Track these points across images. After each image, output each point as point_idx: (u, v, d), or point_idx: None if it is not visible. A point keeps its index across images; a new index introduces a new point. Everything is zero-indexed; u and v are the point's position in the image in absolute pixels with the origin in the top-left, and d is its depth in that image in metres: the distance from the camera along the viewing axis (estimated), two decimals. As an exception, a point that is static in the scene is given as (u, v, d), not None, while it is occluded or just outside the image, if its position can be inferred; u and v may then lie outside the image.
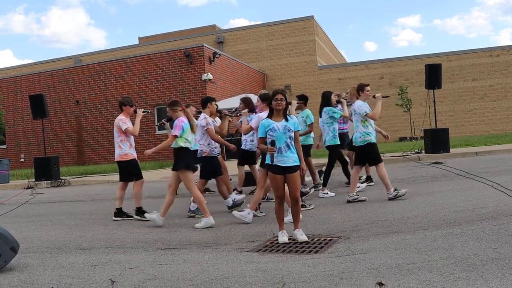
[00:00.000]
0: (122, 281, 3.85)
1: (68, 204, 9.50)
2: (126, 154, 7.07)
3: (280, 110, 4.98)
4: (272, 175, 4.94)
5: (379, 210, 6.38)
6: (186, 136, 6.31)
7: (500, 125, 24.75)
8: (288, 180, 4.94)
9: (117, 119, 7.07)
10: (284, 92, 5.10)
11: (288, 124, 4.96)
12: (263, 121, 5.05)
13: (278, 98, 4.96)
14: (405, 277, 3.42)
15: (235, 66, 24.20)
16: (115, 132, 7.19)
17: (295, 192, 4.95)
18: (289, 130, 4.94)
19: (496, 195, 6.61)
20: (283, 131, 4.91)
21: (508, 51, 25.01)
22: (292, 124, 4.99)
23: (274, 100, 4.98)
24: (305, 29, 27.59)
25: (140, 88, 21.41)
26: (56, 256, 4.93)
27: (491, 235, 4.43)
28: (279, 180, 4.93)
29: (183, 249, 4.94)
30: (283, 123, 4.94)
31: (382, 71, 26.48)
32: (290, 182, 4.93)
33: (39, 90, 22.02)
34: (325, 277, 3.60)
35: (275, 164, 4.89)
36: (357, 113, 7.35)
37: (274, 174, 4.92)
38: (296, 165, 4.93)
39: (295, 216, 5.03)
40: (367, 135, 7.25)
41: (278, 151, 4.89)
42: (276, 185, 4.95)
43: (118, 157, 7.13)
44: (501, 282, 3.14)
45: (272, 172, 4.94)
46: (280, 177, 4.92)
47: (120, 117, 7.07)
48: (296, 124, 5.06)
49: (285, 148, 4.91)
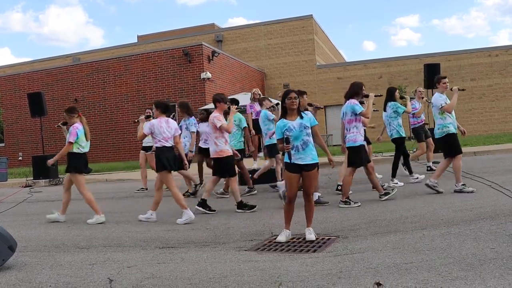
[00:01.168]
0: (120, 280, 3.84)
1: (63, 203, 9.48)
2: (222, 151, 7.12)
3: (294, 109, 4.95)
4: (288, 174, 4.92)
5: (377, 209, 6.38)
6: (80, 142, 6.95)
7: (498, 125, 24.78)
8: (304, 177, 4.92)
9: (211, 116, 7.16)
10: (296, 91, 5.09)
11: (304, 121, 4.94)
12: (278, 122, 5.02)
13: (292, 96, 4.94)
14: (403, 276, 3.43)
15: (234, 65, 24.18)
16: (210, 129, 7.40)
17: (309, 189, 4.94)
18: (306, 127, 4.92)
19: (494, 195, 6.62)
20: (299, 129, 4.89)
21: (506, 51, 25.03)
22: (307, 120, 4.97)
23: (287, 99, 4.95)
24: (304, 28, 27.58)
25: (138, 86, 21.39)
26: (54, 254, 4.93)
27: (489, 234, 4.43)
28: (293, 179, 4.90)
29: (181, 248, 4.93)
30: (298, 121, 4.93)
31: (381, 71, 26.48)
32: (306, 179, 4.91)
33: (37, 88, 21.98)
34: (323, 276, 3.60)
35: (293, 163, 4.87)
36: (434, 106, 7.47)
37: (291, 173, 4.90)
38: (314, 163, 4.92)
39: (308, 214, 5.01)
40: (445, 126, 7.34)
41: (295, 149, 4.87)
42: (290, 184, 4.92)
43: (214, 153, 7.26)
44: (499, 281, 3.14)
45: (288, 171, 4.92)
46: (295, 177, 4.90)
47: (214, 114, 7.13)
48: (312, 119, 5.05)
49: (303, 145, 4.88)
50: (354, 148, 6.95)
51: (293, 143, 4.89)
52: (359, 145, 6.95)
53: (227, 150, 7.09)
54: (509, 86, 24.84)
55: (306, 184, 4.94)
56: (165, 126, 6.67)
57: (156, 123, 6.65)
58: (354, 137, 6.96)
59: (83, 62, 24.52)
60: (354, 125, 6.99)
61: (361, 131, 7.06)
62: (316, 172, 4.99)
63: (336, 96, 25.65)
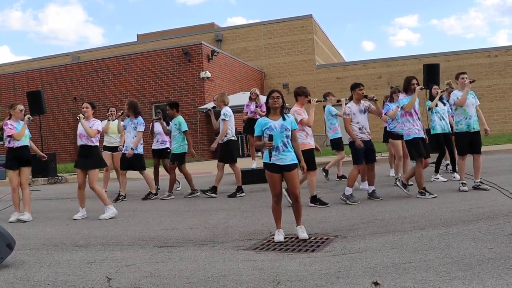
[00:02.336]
0: (119, 279, 3.84)
1: (65, 201, 9.48)
2: (303, 144, 7.04)
3: (277, 108, 4.98)
4: (269, 174, 4.94)
5: (376, 209, 6.39)
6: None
7: (497, 125, 24.79)
8: (286, 179, 4.95)
9: (292, 110, 7.18)
10: (280, 91, 5.10)
11: (285, 123, 4.96)
12: (260, 119, 5.05)
13: (274, 96, 4.97)
14: (401, 276, 3.43)
15: (234, 64, 24.17)
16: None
17: (294, 189, 4.95)
18: (286, 129, 4.94)
19: (492, 195, 6.63)
20: (280, 130, 4.90)
21: (506, 52, 25.05)
22: (289, 123, 4.98)
23: (270, 98, 4.99)
24: (303, 28, 27.56)
25: (138, 85, 21.37)
26: (53, 253, 4.92)
27: (487, 235, 4.44)
28: (276, 178, 4.92)
29: (180, 247, 4.93)
30: (280, 122, 4.94)
31: (380, 71, 26.48)
32: (289, 180, 4.94)
33: (36, 86, 21.95)
34: (322, 276, 3.60)
35: (273, 163, 4.89)
36: (451, 103, 7.66)
37: (271, 172, 4.92)
38: (294, 164, 4.94)
39: (297, 213, 5.03)
40: (455, 124, 7.53)
41: (275, 150, 4.89)
42: (273, 184, 4.94)
43: None
44: (497, 282, 3.15)
45: (269, 171, 4.94)
46: (277, 176, 4.92)
47: (295, 108, 7.16)
48: (294, 123, 5.06)
49: (283, 146, 4.90)
50: (408, 142, 7.28)
51: (273, 143, 4.89)
52: (411, 138, 7.17)
53: (308, 143, 7.01)
54: (508, 87, 24.86)
55: (291, 185, 4.95)
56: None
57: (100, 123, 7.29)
58: (408, 131, 7.23)
59: (83, 60, 24.49)
60: (406, 119, 7.24)
61: (416, 125, 7.18)
62: (297, 172, 4.99)
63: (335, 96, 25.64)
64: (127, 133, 8.94)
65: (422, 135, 7.21)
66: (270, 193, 5.04)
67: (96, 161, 7.29)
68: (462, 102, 7.33)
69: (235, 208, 7.31)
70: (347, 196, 7.01)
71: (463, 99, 7.33)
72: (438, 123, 8.44)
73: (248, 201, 7.92)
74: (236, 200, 8.12)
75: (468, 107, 7.34)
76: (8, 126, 7.14)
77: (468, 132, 7.31)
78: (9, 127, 7.14)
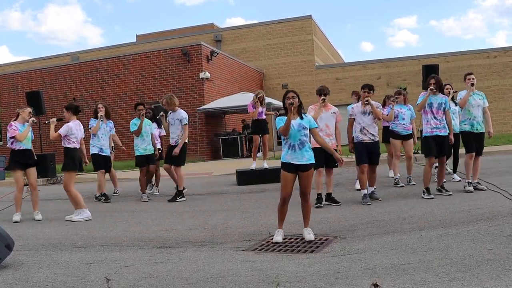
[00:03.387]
0: (118, 279, 3.84)
1: (64, 202, 9.46)
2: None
3: (295, 108, 4.91)
4: (284, 173, 4.92)
5: (375, 210, 6.39)
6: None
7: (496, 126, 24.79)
8: (300, 177, 4.94)
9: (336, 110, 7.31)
10: (295, 91, 5.07)
11: (303, 122, 4.95)
12: (278, 118, 5.01)
13: (290, 96, 4.94)
14: (400, 277, 3.43)
15: (233, 64, 24.17)
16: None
17: (306, 188, 4.94)
18: (304, 127, 4.93)
19: (492, 196, 6.63)
20: (297, 129, 4.90)
21: (505, 53, 25.07)
22: (307, 122, 4.98)
23: (286, 98, 4.96)
24: (303, 29, 27.56)
25: (137, 86, 21.35)
26: (51, 254, 4.92)
27: (486, 236, 4.44)
28: (289, 178, 4.90)
29: (179, 248, 4.93)
30: (297, 121, 4.93)
31: (380, 71, 26.50)
32: (302, 179, 4.93)
33: (36, 87, 21.93)
34: (321, 277, 3.60)
35: (289, 162, 4.88)
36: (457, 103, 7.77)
37: (286, 172, 4.90)
38: (310, 163, 4.93)
39: (306, 214, 5.02)
40: (460, 123, 7.61)
41: (292, 149, 4.89)
42: (285, 183, 4.92)
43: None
44: (496, 283, 3.15)
45: (284, 170, 4.92)
46: (291, 176, 4.90)
47: (310, 106, 7.29)
48: (312, 121, 5.06)
49: (299, 145, 4.89)
50: (422, 139, 7.59)
51: (290, 141, 4.90)
52: (423, 137, 7.34)
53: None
54: (508, 88, 24.89)
55: (303, 185, 4.95)
56: (79, 128, 7.41)
57: (73, 126, 7.30)
58: (424, 129, 7.32)
59: (82, 61, 24.46)
60: (423, 118, 7.31)
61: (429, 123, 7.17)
62: (312, 172, 5.00)
63: (334, 97, 25.63)
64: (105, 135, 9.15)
65: (435, 134, 7.12)
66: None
67: (69, 163, 7.23)
68: (462, 103, 7.38)
69: (234, 208, 7.31)
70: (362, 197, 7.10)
71: (464, 100, 7.36)
72: None
73: (247, 202, 7.92)
74: (235, 200, 8.12)
75: (473, 107, 7.37)
76: (12, 127, 7.18)
77: (471, 132, 7.34)
78: (13, 128, 7.17)
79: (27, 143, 7.33)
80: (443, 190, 7.17)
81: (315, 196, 7.02)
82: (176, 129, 8.62)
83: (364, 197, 7.01)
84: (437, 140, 7.11)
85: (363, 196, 7.04)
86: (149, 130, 9.16)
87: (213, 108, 19.95)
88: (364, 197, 7.02)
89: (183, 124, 8.61)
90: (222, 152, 20.18)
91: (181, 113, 8.72)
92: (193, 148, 20.29)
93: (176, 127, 8.62)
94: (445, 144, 7.17)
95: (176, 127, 8.62)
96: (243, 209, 7.18)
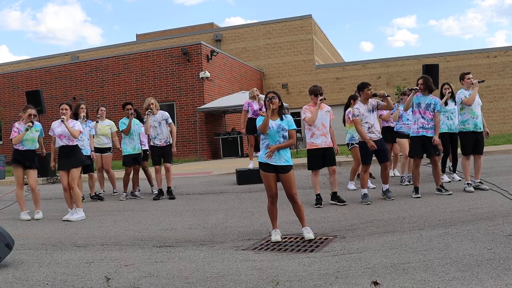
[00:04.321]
0: (117, 278, 3.84)
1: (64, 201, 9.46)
2: (308, 143, 7.25)
3: (274, 109, 4.99)
4: (263, 173, 4.95)
5: (375, 209, 6.39)
6: None
7: (496, 126, 24.82)
8: (282, 180, 4.95)
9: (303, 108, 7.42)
10: (276, 92, 5.12)
11: (283, 123, 4.97)
12: (259, 118, 5.06)
13: (270, 96, 4.99)
14: (400, 276, 3.43)
15: (233, 64, 24.16)
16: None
17: (291, 190, 4.95)
18: (283, 129, 4.95)
19: (491, 196, 6.63)
20: (276, 130, 4.93)
21: (505, 53, 25.08)
22: (286, 123, 5.00)
23: (267, 99, 5.01)
24: (303, 28, 27.56)
25: (137, 85, 21.36)
26: (51, 253, 4.92)
27: (486, 235, 4.44)
28: (270, 178, 4.92)
29: (179, 247, 4.93)
30: (277, 122, 4.96)
31: (380, 71, 26.49)
32: (283, 181, 4.94)
33: (36, 86, 21.93)
34: (321, 276, 3.60)
35: (266, 162, 4.90)
36: (457, 102, 7.66)
37: (265, 172, 4.92)
38: (289, 165, 4.94)
39: (299, 215, 5.03)
40: (461, 123, 7.52)
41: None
42: (267, 184, 4.94)
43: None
44: (496, 282, 3.15)
45: (263, 170, 4.95)
46: (271, 176, 4.92)
47: (304, 106, 7.30)
48: (291, 123, 5.06)
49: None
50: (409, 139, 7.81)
51: (268, 142, 4.92)
52: (410, 136, 7.56)
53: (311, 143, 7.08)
54: (507, 87, 24.89)
55: (287, 187, 4.95)
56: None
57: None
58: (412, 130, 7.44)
59: (82, 60, 24.46)
60: (414, 117, 7.38)
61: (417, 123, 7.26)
62: (292, 173, 4.99)
63: (334, 96, 25.67)
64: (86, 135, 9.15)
65: (421, 134, 7.19)
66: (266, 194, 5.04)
67: (78, 160, 7.30)
68: (470, 101, 7.31)
69: (234, 208, 7.31)
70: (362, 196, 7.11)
71: (472, 98, 7.31)
72: (445, 123, 8.44)
73: (247, 201, 7.92)
74: (235, 200, 8.12)
75: (475, 106, 7.37)
76: (14, 129, 7.30)
77: (474, 132, 7.35)
78: (14, 129, 7.29)
79: (29, 144, 7.33)
80: (442, 190, 7.17)
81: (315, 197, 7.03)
82: (163, 130, 8.76)
83: (364, 196, 7.01)
84: (423, 140, 7.18)
85: (363, 195, 7.04)
86: (137, 130, 9.19)
87: (213, 107, 19.96)
88: (364, 196, 7.02)
89: (168, 122, 8.80)
90: (222, 152, 20.19)
91: (164, 113, 8.88)
92: (193, 148, 20.30)
93: (163, 127, 8.74)
94: (431, 144, 7.21)
95: (162, 128, 8.74)
96: (243, 209, 7.18)
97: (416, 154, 7.22)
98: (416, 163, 7.24)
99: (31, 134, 7.34)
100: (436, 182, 7.35)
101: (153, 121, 8.76)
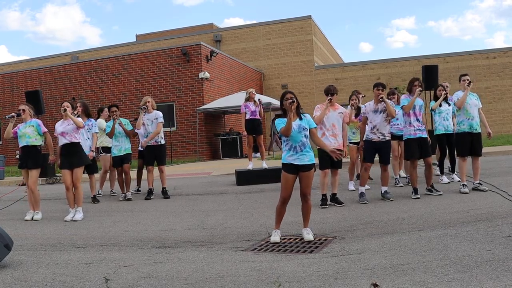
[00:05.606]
0: (117, 279, 3.84)
1: (63, 201, 9.45)
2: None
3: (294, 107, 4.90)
4: (285, 175, 4.90)
5: (374, 210, 6.39)
6: None
7: (496, 127, 24.81)
8: (300, 178, 4.92)
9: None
10: (293, 92, 5.01)
11: (302, 122, 4.94)
12: (278, 120, 4.99)
13: (288, 97, 4.89)
14: (399, 277, 3.43)
15: (232, 64, 24.16)
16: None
17: (306, 188, 4.93)
18: (304, 128, 4.92)
19: (491, 197, 6.64)
20: (298, 130, 4.89)
21: (504, 54, 25.09)
22: (306, 122, 4.97)
23: (284, 100, 4.91)
24: (302, 29, 27.56)
25: (137, 86, 21.35)
26: (51, 253, 4.91)
27: (485, 236, 4.44)
28: (290, 180, 4.89)
29: (178, 248, 4.93)
30: (297, 122, 4.91)
31: (379, 72, 26.49)
32: (303, 179, 4.91)
33: (35, 86, 21.89)
34: (320, 277, 3.60)
35: (290, 163, 4.88)
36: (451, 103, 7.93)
37: (287, 173, 4.89)
38: (311, 164, 4.92)
39: (305, 215, 5.02)
40: (457, 124, 7.64)
41: (293, 150, 4.88)
42: (285, 185, 4.90)
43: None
44: (495, 283, 3.15)
45: (285, 172, 4.91)
46: (292, 177, 4.89)
47: (317, 105, 7.38)
48: (311, 121, 5.04)
49: (301, 146, 4.88)
50: (403, 143, 7.71)
51: (292, 143, 4.89)
52: (405, 139, 7.47)
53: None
54: (507, 88, 24.91)
55: (304, 185, 4.94)
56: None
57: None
58: (405, 132, 7.47)
59: (81, 60, 24.45)
60: (405, 120, 7.43)
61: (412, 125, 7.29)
62: (312, 173, 4.99)
63: (334, 97, 25.62)
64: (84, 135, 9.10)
65: (418, 136, 7.23)
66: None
67: (82, 159, 7.32)
68: (460, 103, 7.42)
69: (233, 209, 7.31)
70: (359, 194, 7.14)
71: (462, 100, 7.40)
72: (441, 124, 8.45)
73: (246, 202, 7.92)
74: (235, 201, 8.12)
75: (470, 107, 7.40)
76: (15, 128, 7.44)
77: (470, 133, 7.36)
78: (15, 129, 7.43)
79: (24, 140, 7.33)
80: (433, 190, 7.20)
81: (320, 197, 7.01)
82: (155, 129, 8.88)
83: (361, 195, 7.03)
84: (419, 142, 7.22)
85: (360, 194, 7.06)
86: (123, 132, 9.19)
87: (213, 108, 19.95)
88: (361, 195, 7.03)
89: (158, 121, 8.87)
90: (221, 152, 20.18)
91: (158, 113, 8.95)
92: (193, 148, 20.29)
93: (155, 127, 8.84)
94: (428, 145, 7.29)
95: (154, 127, 8.84)
96: (242, 209, 7.18)
97: (414, 156, 7.23)
98: (414, 164, 7.25)
99: (23, 130, 7.34)
100: (427, 182, 7.38)
101: (146, 119, 8.84)
